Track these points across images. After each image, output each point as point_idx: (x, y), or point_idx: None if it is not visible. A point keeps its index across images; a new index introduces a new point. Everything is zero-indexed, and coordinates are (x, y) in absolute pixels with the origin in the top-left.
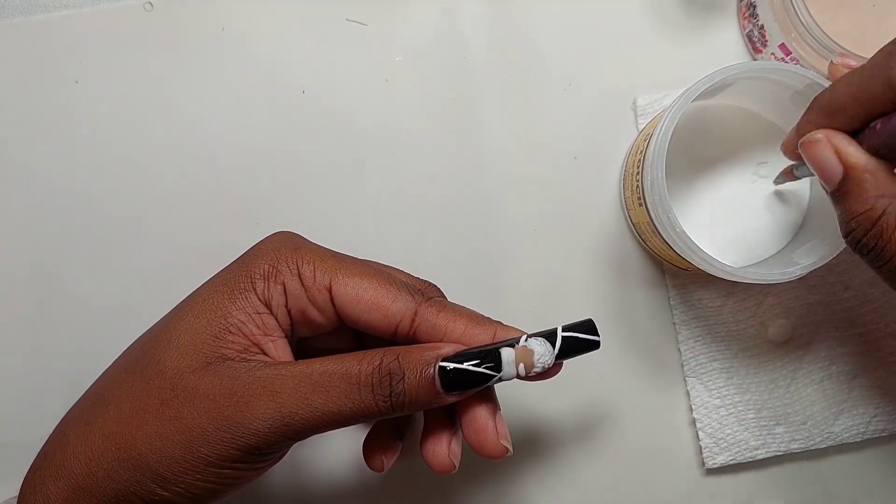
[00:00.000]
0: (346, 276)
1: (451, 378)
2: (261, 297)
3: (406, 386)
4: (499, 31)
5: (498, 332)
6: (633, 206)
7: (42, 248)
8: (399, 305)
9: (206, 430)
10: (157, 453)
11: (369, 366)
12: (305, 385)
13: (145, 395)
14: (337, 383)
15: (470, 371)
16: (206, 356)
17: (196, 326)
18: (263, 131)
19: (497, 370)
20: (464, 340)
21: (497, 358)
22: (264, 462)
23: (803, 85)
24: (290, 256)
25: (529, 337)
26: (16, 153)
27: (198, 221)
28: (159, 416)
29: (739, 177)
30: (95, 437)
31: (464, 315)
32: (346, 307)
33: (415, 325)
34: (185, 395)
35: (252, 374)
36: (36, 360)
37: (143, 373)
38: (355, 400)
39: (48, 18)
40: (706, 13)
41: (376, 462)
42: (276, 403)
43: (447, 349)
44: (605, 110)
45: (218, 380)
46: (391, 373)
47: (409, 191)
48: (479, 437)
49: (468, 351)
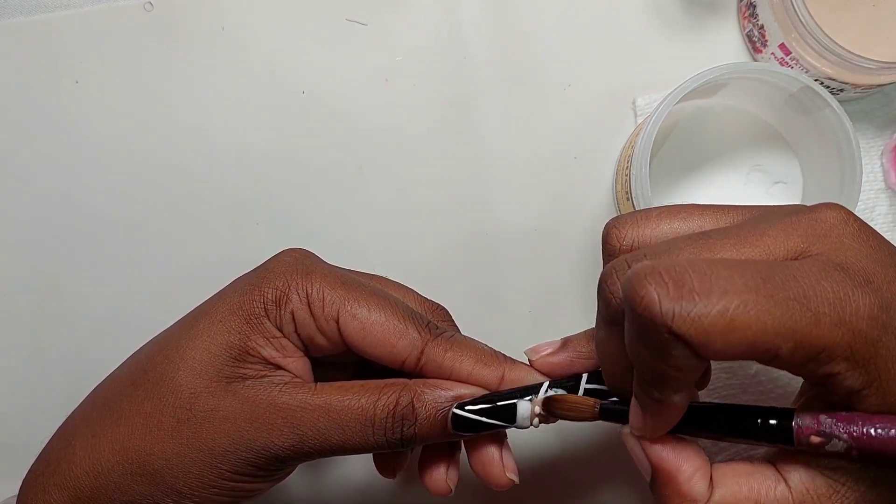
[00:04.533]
0: (354, 307)
1: (464, 423)
2: (273, 323)
3: (417, 430)
4: (499, 31)
5: (506, 373)
6: (623, 200)
7: (42, 247)
8: (405, 343)
9: (225, 449)
10: (173, 469)
11: (384, 410)
12: (323, 421)
13: (159, 413)
14: (353, 423)
15: (484, 422)
16: (226, 377)
17: (213, 348)
18: (263, 131)
19: (511, 422)
20: (470, 381)
21: (513, 412)
22: (279, 474)
23: (796, 88)
24: (301, 282)
25: (550, 387)
26: (16, 153)
27: (198, 221)
28: (176, 434)
29: (733, 177)
30: (104, 450)
31: (471, 353)
32: (353, 340)
33: (420, 364)
34: (204, 415)
35: (272, 399)
36: (36, 360)
37: (155, 389)
38: (369, 439)
39: (48, 18)
40: (706, 13)
41: (387, 469)
42: (295, 435)
43: (462, 391)
44: (604, 110)
45: (238, 402)
46: (404, 418)
47: (409, 190)
48: (485, 468)
49: (484, 397)
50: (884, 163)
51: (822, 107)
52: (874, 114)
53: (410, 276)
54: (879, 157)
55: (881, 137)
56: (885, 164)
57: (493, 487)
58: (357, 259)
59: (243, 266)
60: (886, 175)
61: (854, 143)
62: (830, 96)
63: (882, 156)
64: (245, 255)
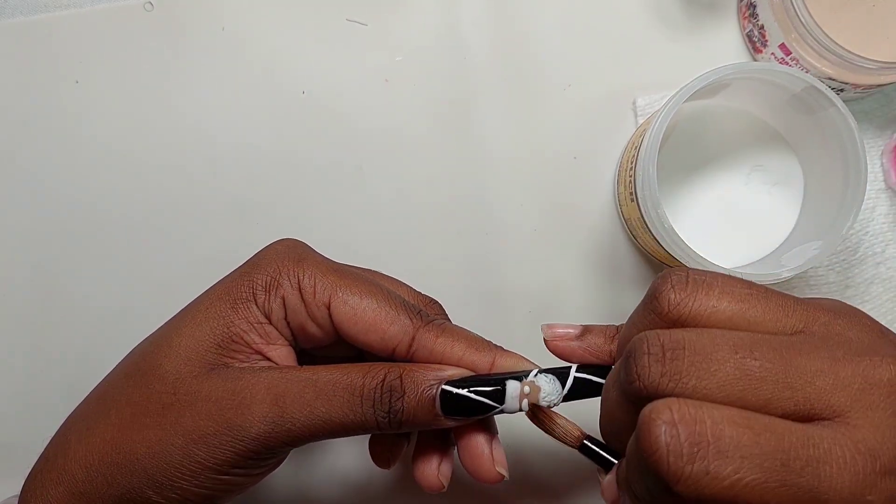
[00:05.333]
0: (346, 293)
1: (452, 403)
2: (261, 308)
3: (405, 404)
4: (499, 31)
5: (497, 359)
6: (626, 201)
7: (42, 247)
8: (397, 328)
9: (205, 432)
10: (154, 458)
11: (373, 380)
12: (309, 391)
13: (146, 401)
14: (341, 393)
15: (472, 399)
16: (210, 363)
17: (198, 334)
18: (263, 131)
19: (500, 402)
20: (461, 366)
21: (502, 390)
22: (261, 468)
23: (800, 88)
24: (292, 269)
25: (540, 372)
26: (16, 153)
27: (197, 221)
28: (160, 421)
29: (734, 178)
30: (96, 442)
31: (462, 339)
32: (344, 326)
33: (412, 350)
34: (187, 398)
35: (256, 375)
36: (36, 360)
37: (143, 378)
38: (357, 412)
39: (48, 18)
40: (706, 13)
41: (382, 459)
42: (278, 407)
43: (452, 372)
44: (604, 111)
45: (221, 382)
46: (392, 389)
47: (409, 190)
48: (474, 462)
49: (473, 378)
50: (884, 163)
51: (827, 106)
52: (874, 114)
53: (410, 276)
54: (879, 157)
55: (881, 137)
56: (886, 164)
57: (483, 482)
58: (357, 259)
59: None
60: (887, 175)
61: (859, 143)
62: (835, 96)
63: (882, 156)
64: (245, 255)
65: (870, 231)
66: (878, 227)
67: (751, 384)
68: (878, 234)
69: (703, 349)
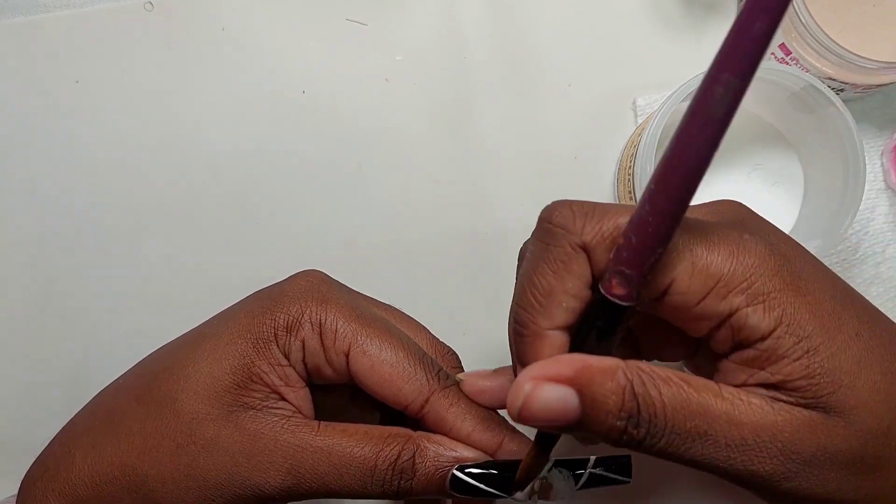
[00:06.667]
0: (366, 342)
1: (462, 485)
2: (282, 349)
3: (414, 484)
4: (499, 30)
5: (505, 442)
6: (626, 200)
7: (42, 247)
8: (412, 388)
9: (219, 481)
10: (168, 495)
11: (385, 461)
12: (324, 465)
13: (159, 435)
14: (353, 471)
15: (481, 488)
16: (228, 405)
17: (217, 372)
18: (263, 131)
19: (509, 494)
20: (469, 442)
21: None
22: None
23: (800, 87)
24: (315, 310)
25: (554, 466)
26: (16, 153)
27: (198, 220)
28: (174, 459)
29: (735, 177)
30: (104, 463)
31: (474, 415)
32: (360, 376)
33: (424, 411)
34: (203, 443)
35: (274, 435)
36: (36, 360)
37: (157, 409)
38: (366, 487)
39: (48, 18)
40: (706, 13)
41: None
42: (293, 476)
43: (466, 454)
44: (604, 110)
45: (238, 435)
46: (403, 471)
47: (409, 190)
48: None
49: (487, 464)
50: (884, 162)
51: (826, 105)
52: (874, 114)
53: (410, 276)
54: (879, 156)
55: (881, 137)
56: (886, 164)
57: None
58: (356, 258)
59: (243, 265)
60: (887, 175)
61: (857, 141)
62: (834, 95)
63: (882, 156)
64: (245, 254)
65: (870, 231)
66: (878, 227)
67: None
68: (878, 234)
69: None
